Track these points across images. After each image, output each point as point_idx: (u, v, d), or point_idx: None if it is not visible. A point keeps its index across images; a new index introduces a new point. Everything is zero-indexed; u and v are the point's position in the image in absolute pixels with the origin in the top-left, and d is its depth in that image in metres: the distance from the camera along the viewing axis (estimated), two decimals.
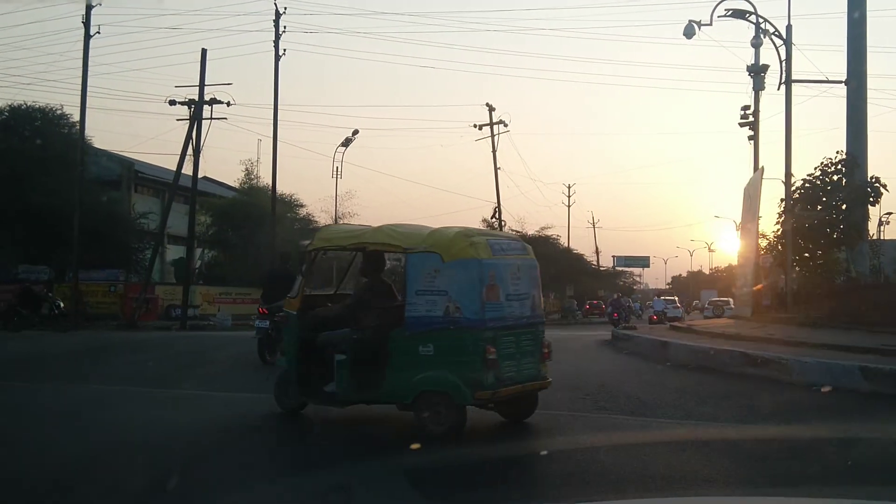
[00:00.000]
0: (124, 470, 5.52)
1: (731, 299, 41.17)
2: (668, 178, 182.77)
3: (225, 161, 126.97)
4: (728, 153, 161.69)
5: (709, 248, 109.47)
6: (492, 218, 34.91)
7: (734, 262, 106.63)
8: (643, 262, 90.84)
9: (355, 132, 37.16)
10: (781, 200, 20.59)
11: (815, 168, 20.52)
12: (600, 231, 78.40)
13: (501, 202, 36.06)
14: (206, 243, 41.36)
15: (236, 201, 39.84)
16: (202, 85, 25.74)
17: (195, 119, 25.66)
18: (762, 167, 16.17)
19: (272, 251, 32.94)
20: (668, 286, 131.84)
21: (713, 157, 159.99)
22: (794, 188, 18.30)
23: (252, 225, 38.35)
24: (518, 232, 55.70)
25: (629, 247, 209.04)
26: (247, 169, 39.09)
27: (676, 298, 46.69)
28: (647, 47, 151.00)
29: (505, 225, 35.30)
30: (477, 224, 69.52)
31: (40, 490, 5.05)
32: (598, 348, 13.90)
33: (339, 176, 38.19)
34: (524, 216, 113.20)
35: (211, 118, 25.84)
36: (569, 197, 58.49)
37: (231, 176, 50.94)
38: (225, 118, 26.81)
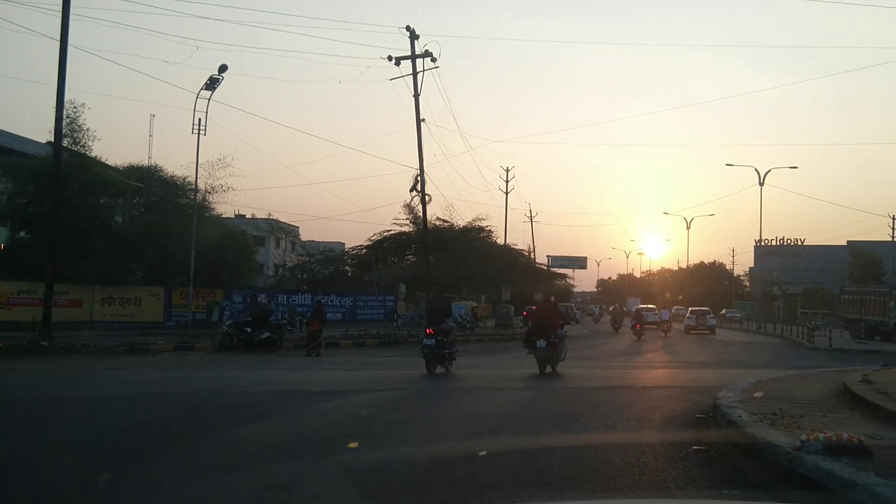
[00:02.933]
0: None
1: (709, 308, 42.66)
2: (619, 157, 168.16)
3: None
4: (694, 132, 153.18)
5: (639, 252, 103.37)
6: (412, 191, 24.48)
7: (666, 266, 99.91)
8: (580, 262, 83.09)
9: (223, 69, 26.38)
10: None
11: None
12: (536, 226, 69.11)
13: (426, 169, 25.58)
14: (8, 219, 29.74)
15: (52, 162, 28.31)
16: None
17: None
18: None
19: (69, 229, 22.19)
20: (597, 290, 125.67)
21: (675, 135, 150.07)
22: None
23: (74, 196, 27.16)
24: (446, 221, 45.82)
25: (562, 245, 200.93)
26: (69, 118, 27.57)
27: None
28: None
29: (429, 201, 24.91)
30: (398, 208, 58.67)
31: None
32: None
33: (201, 131, 27.17)
34: (454, 198, 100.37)
35: None
36: (507, 182, 48.88)
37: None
38: None
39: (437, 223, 44.01)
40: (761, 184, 46.04)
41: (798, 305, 71.94)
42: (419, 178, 23.88)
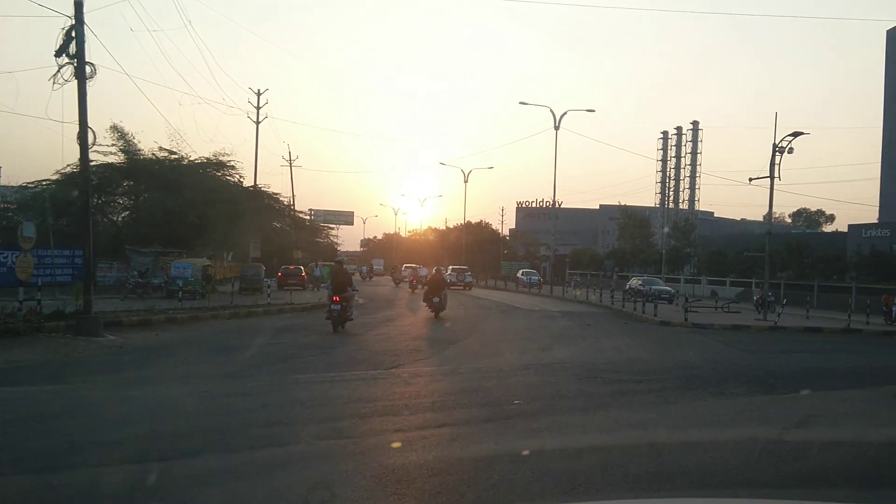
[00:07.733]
0: None
1: (467, 267, 51.29)
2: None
3: None
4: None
5: (395, 212, 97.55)
6: (59, 55, 12.99)
7: (436, 226, 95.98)
8: (347, 217, 74.67)
9: None
10: None
11: None
12: (297, 172, 58.55)
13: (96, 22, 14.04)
14: None
15: None
16: None
17: None
18: None
19: None
20: (362, 250, 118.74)
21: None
22: None
23: None
24: (172, 153, 34.10)
25: (327, 198, 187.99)
26: None
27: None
28: None
29: (93, 75, 13.36)
30: (36, 82, 43.81)
31: None
32: None
33: None
34: (190, 126, 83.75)
35: None
36: (258, 109, 38.30)
37: None
38: None
39: (160, 155, 32.45)
40: (557, 127, 40.35)
41: (567, 266, 70.49)
42: (75, 31, 12.88)
